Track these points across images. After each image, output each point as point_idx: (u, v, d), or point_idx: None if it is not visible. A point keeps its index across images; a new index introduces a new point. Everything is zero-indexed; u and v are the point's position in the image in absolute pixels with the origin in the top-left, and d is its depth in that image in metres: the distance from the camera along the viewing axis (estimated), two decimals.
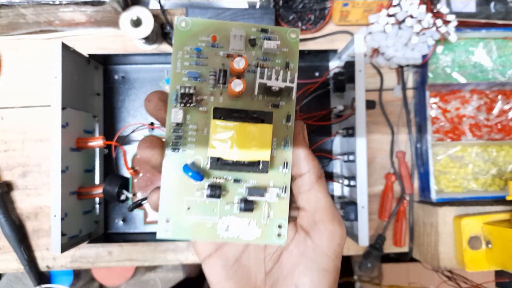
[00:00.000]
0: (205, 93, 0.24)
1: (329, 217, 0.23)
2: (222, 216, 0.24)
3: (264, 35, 0.24)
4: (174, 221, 0.23)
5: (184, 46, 0.24)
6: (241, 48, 0.24)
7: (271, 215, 0.24)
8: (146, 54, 0.57)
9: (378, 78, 0.62)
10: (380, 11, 0.56)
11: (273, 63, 0.24)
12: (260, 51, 0.24)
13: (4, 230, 0.56)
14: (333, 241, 0.23)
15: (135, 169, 0.50)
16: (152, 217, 0.50)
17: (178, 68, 0.24)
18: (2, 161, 0.59)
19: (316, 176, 0.24)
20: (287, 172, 0.24)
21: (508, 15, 0.59)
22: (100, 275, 1.11)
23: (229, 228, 0.24)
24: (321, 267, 0.23)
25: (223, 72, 0.24)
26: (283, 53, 0.25)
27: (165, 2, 0.58)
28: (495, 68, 0.61)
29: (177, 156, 0.23)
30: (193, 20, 0.24)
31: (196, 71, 0.24)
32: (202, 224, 0.24)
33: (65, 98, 0.46)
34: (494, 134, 0.61)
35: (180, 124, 0.23)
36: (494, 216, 0.54)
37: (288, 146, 0.24)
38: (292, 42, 0.25)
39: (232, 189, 0.24)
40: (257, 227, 0.24)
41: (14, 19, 0.53)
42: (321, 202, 0.24)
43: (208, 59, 0.24)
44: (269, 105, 0.24)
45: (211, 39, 0.24)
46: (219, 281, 0.24)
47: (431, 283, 1.03)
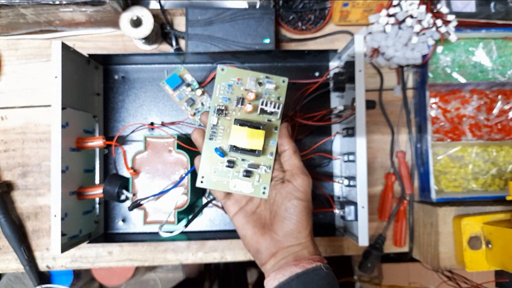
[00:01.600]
0: (230, 109, 0.41)
1: (301, 171, 0.40)
2: (233, 178, 0.41)
3: (267, 79, 0.41)
4: (206, 178, 0.41)
5: (221, 82, 0.41)
6: (253, 86, 0.41)
7: (260, 181, 0.41)
8: (146, 54, 0.57)
9: (378, 78, 0.62)
10: (380, 11, 0.56)
11: (270, 96, 0.42)
12: (264, 88, 0.42)
13: (4, 230, 0.56)
14: (303, 183, 0.39)
15: (135, 169, 0.50)
16: (152, 217, 0.50)
17: (217, 94, 0.41)
18: (2, 161, 0.59)
19: (292, 151, 0.40)
20: (272, 158, 0.41)
21: (508, 15, 0.59)
22: (100, 275, 1.11)
23: (236, 185, 0.41)
24: (298, 197, 0.39)
25: (241, 99, 0.41)
26: (277, 91, 0.42)
27: (165, 2, 0.58)
28: (495, 68, 0.61)
29: (211, 143, 0.41)
30: (228, 68, 0.41)
31: (226, 97, 0.41)
32: (221, 181, 0.41)
33: (65, 98, 0.46)
34: (494, 134, 0.62)
35: (215, 125, 0.41)
36: (494, 216, 0.54)
37: (274, 143, 0.41)
38: (282, 85, 0.42)
39: (240, 164, 0.41)
40: (252, 186, 0.41)
41: (14, 19, 0.53)
42: (296, 164, 0.40)
43: (234, 90, 0.41)
44: (265, 120, 0.41)
45: (236, 80, 0.41)
46: (243, 225, 0.41)
47: (431, 283, 1.03)
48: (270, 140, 0.41)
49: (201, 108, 0.57)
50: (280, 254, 0.38)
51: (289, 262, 0.37)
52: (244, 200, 0.42)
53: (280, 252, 0.38)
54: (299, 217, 0.38)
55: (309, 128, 0.57)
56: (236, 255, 0.59)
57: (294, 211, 0.38)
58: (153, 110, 0.58)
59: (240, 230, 0.41)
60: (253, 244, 0.40)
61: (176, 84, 0.56)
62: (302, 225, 0.38)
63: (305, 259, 0.37)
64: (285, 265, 0.37)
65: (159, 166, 0.50)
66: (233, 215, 0.41)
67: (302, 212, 0.38)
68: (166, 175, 0.50)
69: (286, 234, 0.38)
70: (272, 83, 0.41)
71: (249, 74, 0.41)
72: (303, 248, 0.38)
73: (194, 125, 0.58)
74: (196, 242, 0.59)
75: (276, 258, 0.38)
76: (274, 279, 0.37)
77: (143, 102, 0.58)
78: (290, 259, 0.38)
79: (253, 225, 0.40)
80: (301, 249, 0.38)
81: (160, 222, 0.48)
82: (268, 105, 0.39)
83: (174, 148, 0.50)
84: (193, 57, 0.56)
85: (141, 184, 0.50)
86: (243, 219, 0.41)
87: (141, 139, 0.57)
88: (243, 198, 0.42)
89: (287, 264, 0.37)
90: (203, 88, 0.58)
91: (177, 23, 0.61)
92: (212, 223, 0.59)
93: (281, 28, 0.61)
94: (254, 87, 0.41)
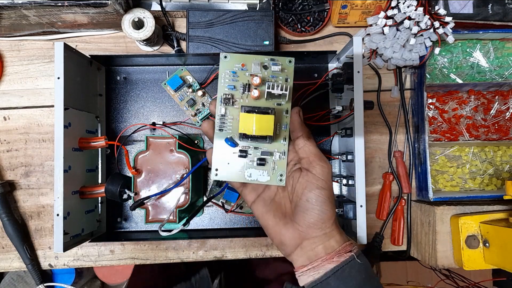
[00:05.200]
0: (237, 97, 0.39)
1: (318, 158, 0.38)
2: (247, 168, 0.40)
3: (272, 61, 0.39)
4: (220, 170, 0.40)
5: (226, 70, 0.39)
6: (258, 71, 0.39)
7: (275, 168, 0.40)
8: (148, 56, 0.58)
9: (376, 79, 0.62)
10: (379, 13, 0.56)
11: (277, 79, 0.39)
12: (270, 71, 0.39)
13: (7, 229, 0.56)
14: (323, 170, 0.37)
15: (137, 168, 0.50)
16: (153, 216, 0.50)
17: (222, 83, 0.39)
18: (5, 161, 0.59)
19: (306, 137, 0.39)
20: (285, 143, 0.40)
21: (506, 16, 0.60)
22: (102, 274, 1.11)
23: (251, 175, 0.40)
24: (319, 186, 0.37)
25: (247, 85, 0.39)
26: (284, 73, 0.39)
27: (166, 4, 0.59)
28: (492, 69, 0.62)
29: (222, 134, 0.40)
30: (231, 55, 0.39)
31: (232, 84, 0.39)
32: (236, 172, 0.40)
33: (68, 98, 0.47)
34: (491, 134, 0.62)
35: (223, 115, 0.39)
36: (491, 216, 0.55)
37: (286, 128, 0.40)
38: (289, 66, 0.40)
39: (253, 153, 0.40)
40: (267, 175, 0.40)
41: (17, 21, 0.54)
42: (313, 151, 0.38)
43: (239, 77, 0.40)
44: (274, 104, 0.39)
45: (240, 66, 0.39)
46: (263, 214, 0.40)
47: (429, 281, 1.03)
48: (282, 125, 0.40)
49: (202, 109, 0.58)
50: (307, 245, 0.38)
51: (319, 254, 0.37)
52: (261, 187, 0.41)
53: (306, 242, 0.38)
54: (322, 208, 0.37)
55: (308, 128, 0.58)
56: (237, 253, 0.60)
57: (317, 201, 0.37)
58: (154, 110, 0.59)
59: (260, 219, 0.40)
60: (276, 235, 0.39)
61: (177, 85, 0.57)
62: (327, 215, 0.37)
63: (335, 252, 0.37)
64: (316, 258, 0.37)
65: (161, 165, 0.51)
66: (252, 203, 0.41)
67: (326, 202, 0.37)
68: (168, 175, 0.51)
69: (310, 226, 0.37)
70: (277, 64, 0.39)
71: (253, 58, 0.39)
72: (330, 238, 0.37)
73: (195, 125, 0.59)
74: (197, 241, 0.60)
75: (303, 249, 0.38)
76: (308, 275, 0.37)
77: (145, 103, 0.59)
78: (320, 250, 0.37)
79: (274, 214, 0.39)
80: (328, 239, 0.37)
81: (162, 221, 0.49)
82: (275, 88, 0.36)
83: (176, 148, 0.51)
84: (194, 58, 0.57)
85: (143, 183, 0.51)
86: (263, 207, 0.40)
87: (143, 139, 0.58)
88: (259, 186, 0.41)
89: (317, 256, 0.37)
90: (204, 89, 0.58)
91: (178, 25, 0.61)
92: (213, 221, 0.59)
93: (280, 30, 0.62)
94: (260, 71, 0.39)
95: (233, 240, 0.60)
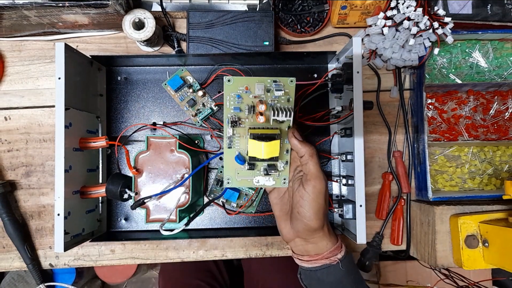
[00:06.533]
0: (243, 118, 0.44)
1: (314, 178, 0.43)
2: (255, 176, 0.47)
3: (275, 83, 0.43)
4: (232, 179, 0.47)
5: (230, 93, 0.43)
6: (261, 93, 0.43)
7: (280, 175, 0.47)
8: (149, 56, 0.58)
9: (376, 79, 0.63)
10: (378, 13, 0.57)
11: (279, 99, 0.44)
12: (273, 93, 0.43)
13: (8, 229, 0.57)
14: (315, 190, 0.43)
15: (138, 168, 0.51)
16: (154, 216, 0.50)
17: (228, 106, 0.43)
18: (6, 160, 0.60)
19: (309, 156, 0.44)
20: (288, 154, 0.46)
21: (505, 17, 0.60)
22: (102, 273, 1.12)
23: (259, 181, 0.47)
24: (309, 203, 0.44)
25: (252, 107, 0.43)
26: (286, 93, 0.43)
27: (166, 4, 0.59)
28: (491, 69, 0.62)
29: (231, 151, 0.45)
30: (235, 78, 0.42)
31: (237, 106, 0.43)
32: (245, 180, 0.47)
33: (69, 99, 0.47)
34: (490, 134, 0.62)
35: (231, 135, 0.44)
36: (491, 215, 0.55)
37: (288, 141, 0.45)
38: (290, 86, 0.43)
39: (260, 165, 0.46)
40: (273, 180, 0.47)
41: (18, 21, 0.54)
42: (311, 169, 0.44)
43: (243, 99, 0.43)
44: (278, 121, 0.44)
45: (244, 88, 0.43)
46: (273, 204, 0.50)
47: (428, 281, 1.04)
48: (285, 139, 0.45)
49: (202, 109, 0.58)
50: (299, 242, 0.47)
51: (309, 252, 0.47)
52: None
53: (298, 240, 0.47)
54: (310, 221, 0.44)
55: (308, 128, 0.58)
56: (237, 253, 0.60)
57: (305, 216, 0.44)
58: (155, 110, 0.59)
59: (272, 206, 0.50)
60: (278, 224, 0.49)
61: (177, 86, 0.57)
62: (313, 227, 0.44)
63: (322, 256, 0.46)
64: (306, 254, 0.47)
65: (161, 165, 0.51)
66: (270, 192, 0.51)
67: (313, 218, 0.44)
68: (168, 175, 0.51)
69: (299, 231, 0.46)
70: (280, 87, 0.42)
71: (256, 81, 0.42)
72: (318, 242, 0.46)
73: (196, 125, 0.59)
74: (197, 240, 0.60)
75: (296, 243, 0.48)
76: (300, 261, 0.48)
77: (145, 103, 0.59)
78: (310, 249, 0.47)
79: (280, 208, 0.49)
80: (317, 242, 0.46)
81: (162, 221, 0.49)
82: (280, 115, 0.41)
83: (176, 148, 0.51)
84: (194, 59, 0.57)
85: (144, 183, 0.51)
86: (275, 198, 0.49)
87: (144, 139, 0.58)
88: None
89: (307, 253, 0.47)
90: (204, 89, 0.59)
91: (179, 25, 0.62)
92: (213, 221, 0.59)
93: (280, 30, 0.62)
94: (263, 93, 0.43)
95: (233, 239, 0.60)
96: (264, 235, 0.59)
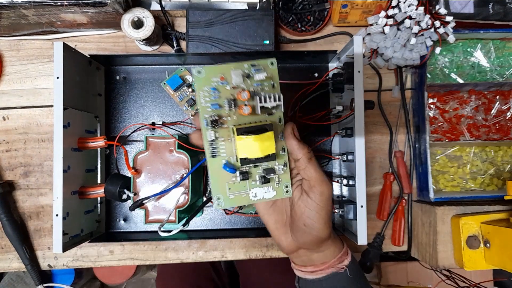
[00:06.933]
0: (224, 116, 0.35)
1: (319, 183, 0.37)
2: (251, 189, 0.38)
3: (253, 68, 0.35)
4: (223, 198, 0.37)
5: (203, 87, 0.35)
6: (241, 81, 0.34)
7: (280, 181, 0.38)
8: (147, 55, 0.57)
9: (377, 78, 0.62)
10: (379, 12, 0.56)
11: (263, 85, 0.36)
12: (253, 80, 0.35)
13: (6, 229, 0.56)
14: (322, 196, 0.37)
15: (137, 169, 0.50)
16: (153, 217, 0.50)
17: (203, 103, 0.35)
18: (4, 161, 0.59)
19: (307, 159, 0.37)
20: (285, 153, 0.38)
21: (506, 16, 0.60)
22: (101, 274, 1.11)
23: (256, 194, 0.38)
24: (317, 212, 0.38)
25: (233, 100, 0.35)
26: (268, 78, 0.35)
27: (166, 3, 0.59)
28: (493, 68, 0.62)
29: (216, 160, 0.36)
30: (206, 68, 0.34)
31: (215, 102, 0.35)
32: (240, 196, 0.37)
33: (67, 98, 0.47)
34: (492, 134, 0.62)
35: (213, 140, 0.35)
36: (492, 216, 0.54)
37: (283, 137, 0.37)
38: (272, 69, 0.36)
39: (254, 171, 0.37)
40: (273, 190, 0.38)
41: (16, 20, 0.54)
42: (313, 174, 0.37)
43: (221, 93, 0.35)
44: (266, 114, 0.36)
45: (219, 79, 0.34)
46: (264, 214, 0.41)
47: (429, 282, 1.03)
48: (278, 134, 0.37)
49: None
50: (303, 253, 0.42)
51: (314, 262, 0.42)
52: None
53: (302, 251, 0.42)
54: (319, 232, 0.39)
55: (308, 128, 0.58)
56: (237, 254, 0.60)
57: (313, 227, 0.38)
58: (154, 110, 0.59)
59: (262, 218, 0.42)
60: (275, 238, 0.42)
61: (177, 85, 0.57)
62: (322, 237, 0.39)
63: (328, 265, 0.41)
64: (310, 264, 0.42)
65: (160, 166, 0.51)
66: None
67: (322, 227, 0.38)
68: (167, 175, 0.51)
69: (306, 243, 0.40)
70: (260, 71, 0.35)
71: (231, 67, 0.35)
72: (325, 250, 0.41)
73: (195, 125, 0.58)
74: (196, 241, 0.59)
75: (299, 254, 0.42)
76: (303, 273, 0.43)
77: (144, 103, 0.59)
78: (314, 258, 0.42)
79: (275, 219, 0.41)
80: (323, 250, 0.41)
81: (161, 221, 0.48)
82: (268, 100, 0.34)
83: (175, 148, 0.51)
84: (193, 58, 0.56)
85: (143, 183, 0.50)
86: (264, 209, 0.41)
87: (143, 139, 0.58)
88: None
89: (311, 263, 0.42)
90: None
91: (178, 24, 0.61)
92: (213, 222, 0.59)
93: (280, 29, 0.62)
94: (242, 81, 0.35)
95: (233, 240, 0.60)
96: (264, 236, 0.58)
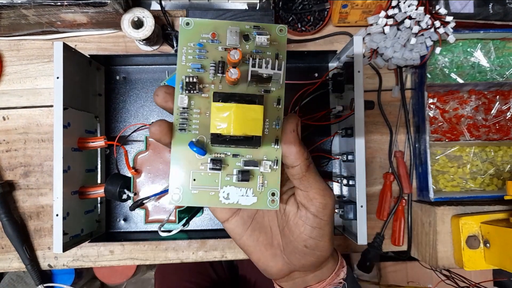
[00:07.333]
0: (206, 82, 0.27)
1: (321, 194, 0.29)
2: (223, 186, 0.27)
3: (256, 31, 0.28)
4: (183, 190, 0.27)
5: (188, 42, 0.27)
6: (236, 43, 0.27)
7: (265, 184, 0.28)
8: (147, 55, 0.57)
9: (377, 78, 0.62)
10: (379, 12, 0.56)
11: (264, 55, 0.28)
12: (253, 45, 0.28)
13: (6, 229, 0.56)
14: (326, 210, 0.29)
15: (137, 168, 0.50)
16: (153, 217, 0.50)
17: (183, 61, 0.27)
18: (4, 161, 0.59)
19: (305, 167, 0.28)
20: (278, 147, 0.28)
21: (506, 16, 0.60)
22: (101, 274, 1.12)
23: (229, 196, 0.27)
24: (320, 229, 0.30)
25: (221, 63, 0.27)
26: (273, 46, 0.28)
27: (166, 3, 0.59)
28: (493, 68, 0.62)
29: (184, 136, 0.27)
30: (195, 21, 0.27)
31: (198, 63, 0.27)
32: (206, 193, 0.27)
33: (67, 98, 0.47)
34: (492, 134, 0.62)
35: (185, 108, 0.27)
36: (492, 216, 0.54)
37: (279, 126, 0.28)
38: (281, 37, 0.28)
39: (232, 163, 0.27)
40: (253, 195, 0.28)
41: (16, 20, 0.54)
42: (313, 184, 0.29)
43: (208, 53, 0.27)
44: (261, 90, 0.27)
45: (211, 36, 0.27)
46: (240, 236, 0.31)
47: (429, 282, 1.03)
48: (273, 121, 0.27)
49: None
50: (297, 275, 0.34)
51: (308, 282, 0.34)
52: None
53: (296, 273, 0.34)
54: (322, 252, 0.31)
55: (308, 128, 0.58)
56: (237, 254, 0.60)
57: (316, 247, 0.31)
58: (154, 110, 0.59)
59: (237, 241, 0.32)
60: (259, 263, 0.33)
61: None
62: (327, 254, 0.32)
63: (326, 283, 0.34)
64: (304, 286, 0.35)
65: (160, 166, 0.51)
66: (224, 221, 0.32)
67: (325, 246, 0.31)
68: (167, 175, 0.51)
69: (306, 266, 0.32)
70: (264, 34, 0.27)
71: (228, 25, 0.27)
72: (323, 267, 0.35)
73: None
74: (196, 241, 0.59)
75: (292, 277, 0.34)
76: None
77: (144, 103, 0.59)
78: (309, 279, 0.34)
79: (257, 239, 0.32)
80: (321, 268, 0.35)
81: (161, 221, 0.48)
82: (263, 66, 0.25)
83: None
84: None
85: (143, 183, 0.50)
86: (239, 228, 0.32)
87: (143, 139, 0.58)
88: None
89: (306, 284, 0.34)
90: None
91: (178, 24, 0.61)
92: (213, 222, 0.59)
93: None
94: (239, 43, 0.27)
95: (233, 240, 0.60)
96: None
